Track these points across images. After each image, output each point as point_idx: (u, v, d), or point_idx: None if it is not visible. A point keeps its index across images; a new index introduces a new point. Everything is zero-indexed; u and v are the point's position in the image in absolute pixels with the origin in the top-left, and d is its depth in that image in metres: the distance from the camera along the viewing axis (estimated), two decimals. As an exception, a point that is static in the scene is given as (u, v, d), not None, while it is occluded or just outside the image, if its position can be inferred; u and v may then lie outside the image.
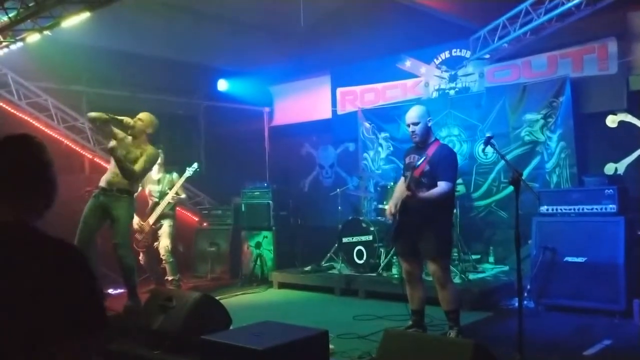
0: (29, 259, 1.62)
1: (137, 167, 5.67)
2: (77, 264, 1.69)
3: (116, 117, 5.64)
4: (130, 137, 5.83)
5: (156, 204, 7.07)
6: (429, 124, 4.87)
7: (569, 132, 7.11)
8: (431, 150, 4.77)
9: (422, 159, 4.76)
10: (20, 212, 1.69)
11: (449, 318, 4.78)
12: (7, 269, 1.59)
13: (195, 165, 7.30)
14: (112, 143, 5.60)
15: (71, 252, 1.71)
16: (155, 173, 7.04)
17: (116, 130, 5.80)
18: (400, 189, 4.90)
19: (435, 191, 4.63)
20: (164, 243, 7.00)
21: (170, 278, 7.00)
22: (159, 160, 6.63)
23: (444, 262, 4.75)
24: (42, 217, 1.77)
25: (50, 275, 1.61)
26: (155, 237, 7.06)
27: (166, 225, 7.09)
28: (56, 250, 1.68)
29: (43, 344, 1.58)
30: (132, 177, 5.68)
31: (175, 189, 7.14)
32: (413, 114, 4.85)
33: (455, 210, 6.41)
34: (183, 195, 7.45)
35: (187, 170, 7.25)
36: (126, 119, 5.70)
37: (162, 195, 7.12)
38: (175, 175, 7.30)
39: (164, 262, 7.03)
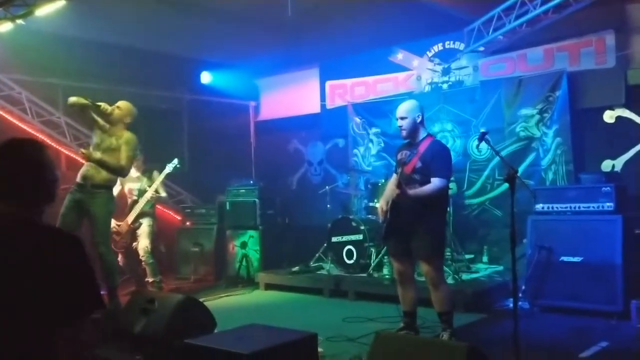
0: (31, 247, 1.83)
1: (123, 159, 5.52)
2: (77, 250, 1.91)
3: (95, 103, 5.47)
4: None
5: (135, 203, 6.86)
6: (419, 119, 4.72)
7: (565, 128, 6.97)
8: (423, 146, 4.65)
9: (413, 155, 4.64)
10: (23, 207, 1.92)
11: (442, 320, 4.67)
12: (10, 256, 1.80)
13: (176, 161, 7.08)
14: (97, 155, 5.44)
15: (69, 239, 1.95)
16: (134, 170, 6.80)
17: (97, 118, 5.58)
18: (391, 186, 4.75)
19: (427, 188, 4.51)
20: (143, 244, 6.80)
21: (151, 280, 6.81)
22: (138, 157, 6.42)
23: (437, 262, 4.64)
24: (44, 211, 2.00)
25: (50, 261, 1.82)
26: (134, 237, 6.85)
27: (145, 224, 6.89)
28: (55, 238, 1.92)
29: (46, 325, 1.79)
30: (121, 172, 5.60)
31: (154, 186, 6.93)
32: (402, 108, 4.75)
33: (448, 209, 6.23)
34: (163, 194, 7.25)
35: (166, 167, 7.01)
36: (104, 105, 5.52)
37: (142, 193, 6.92)
38: (155, 172, 7.12)
39: (143, 263, 6.80)
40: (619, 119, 6.78)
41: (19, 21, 5.95)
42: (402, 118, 4.69)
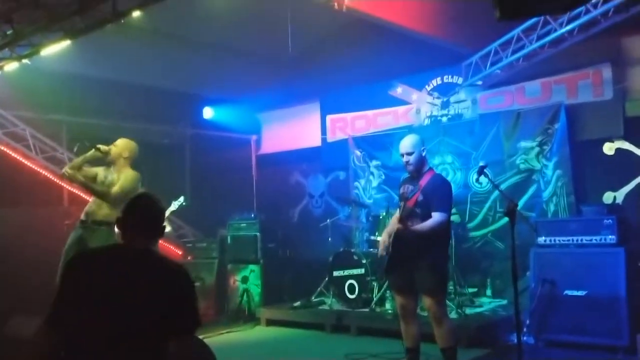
0: (161, 273, 2.38)
1: (114, 188, 5.50)
2: (188, 278, 2.46)
3: (92, 148, 5.44)
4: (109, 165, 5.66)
5: None
6: (424, 153, 4.73)
7: (565, 160, 6.98)
8: (425, 180, 4.64)
9: (416, 189, 4.62)
10: (150, 243, 2.51)
11: (446, 356, 4.58)
12: (146, 278, 2.33)
13: (182, 199, 7.05)
14: (79, 177, 5.47)
15: (183, 269, 2.50)
16: None
17: (94, 169, 5.61)
18: (394, 220, 4.76)
19: (429, 223, 4.48)
20: None
21: None
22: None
23: (440, 296, 4.59)
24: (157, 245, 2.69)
25: (173, 285, 2.36)
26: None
27: None
28: (175, 267, 2.47)
29: (159, 335, 2.25)
30: (105, 196, 5.51)
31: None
32: (407, 142, 4.71)
33: (450, 241, 6.20)
34: (168, 228, 7.20)
35: (172, 204, 6.97)
36: (102, 147, 5.51)
37: None
38: (172, 205, 7.04)
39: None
40: (618, 150, 6.79)
41: (25, 61, 6.03)
42: (408, 154, 4.66)
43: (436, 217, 4.47)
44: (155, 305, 2.27)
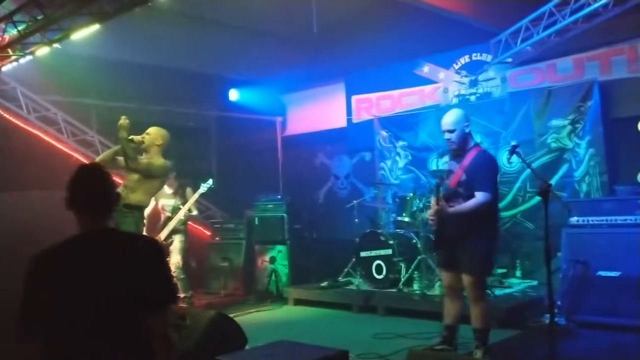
0: (131, 254, 2.23)
1: (144, 160, 5.51)
2: (155, 251, 2.32)
3: (126, 139, 5.40)
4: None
5: (168, 219, 6.92)
6: (467, 130, 4.50)
7: (598, 138, 6.85)
8: (468, 158, 4.43)
9: (458, 167, 4.45)
10: (104, 219, 2.31)
11: (477, 337, 4.52)
12: (114, 258, 2.21)
13: (210, 181, 7.10)
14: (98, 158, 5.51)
15: (156, 245, 2.39)
16: (167, 187, 6.87)
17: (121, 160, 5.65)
18: (436, 198, 4.60)
19: (469, 203, 4.31)
20: (174, 259, 6.86)
21: (182, 295, 6.83)
22: (173, 173, 6.46)
23: (478, 277, 4.44)
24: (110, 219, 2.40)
25: (143, 261, 2.23)
26: (166, 253, 6.88)
27: (177, 240, 6.95)
28: (149, 244, 2.33)
29: (135, 314, 2.17)
30: (135, 164, 5.46)
31: (188, 205, 6.97)
32: (448, 119, 4.51)
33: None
34: (195, 212, 7.28)
35: (201, 187, 7.03)
36: (135, 137, 5.52)
37: (175, 209, 6.98)
38: (188, 190, 7.15)
39: (175, 278, 6.84)
40: (653, 128, 6.64)
41: (55, 45, 6.11)
42: (449, 131, 4.45)
43: (478, 197, 4.28)
44: (124, 284, 2.17)
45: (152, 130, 5.74)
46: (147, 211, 6.11)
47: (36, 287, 2.22)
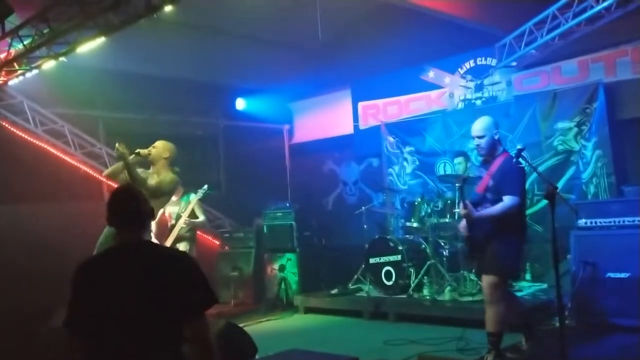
0: (166, 262, 2.51)
1: (154, 182, 5.47)
2: (189, 260, 2.57)
3: (132, 154, 5.38)
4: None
5: (172, 227, 6.88)
6: (496, 137, 4.57)
7: (604, 140, 6.84)
8: (496, 164, 4.51)
9: (485, 173, 4.56)
10: (139, 234, 2.58)
11: (489, 341, 4.54)
12: (151, 267, 2.45)
13: (205, 187, 7.05)
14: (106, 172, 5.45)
15: (182, 254, 2.79)
16: (174, 196, 6.88)
17: (131, 171, 5.64)
18: (463, 203, 4.70)
19: (496, 208, 4.39)
20: None
21: None
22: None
23: (496, 279, 4.44)
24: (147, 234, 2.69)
25: (182, 273, 2.47)
26: None
27: (182, 249, 6.88)
28: (177, 255, 2.71)
29: (179, 320, 2.39)
30: (145, 187, 5.35)
31: (187, 211, 6.92)
32: (478, 126, 4.58)
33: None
34: (201, 218, 7.20)
35: (197, 193, 7.01)
36: (142, 151, 5.54)
37: (178, 217, 6.96)
38: (192, 196, 7.12)
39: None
40: (660, 128, 6.62)
41: (61, 58, 6.14)
42: (479, 137, 4.52)
43: (505, 200, 4.35)
44: (163, 294, 2.37)
45: (159, 143, 5.72)
46: (157, 216, 6.12)
47: (80, 295, 2.44)
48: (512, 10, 6.93)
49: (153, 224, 6.04)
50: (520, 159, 4.25)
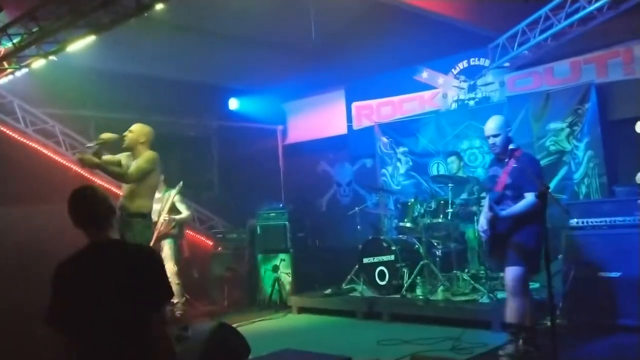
0: (135, 259, 2.65)
1: (131, 168, 5.29)
2: (158, 258, 2.75)
3: (96, 144, 5.18)
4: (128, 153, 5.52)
5: (154, 224, 6.75)
6: (510, 134, 4.64)
7: (596, 140, 6.88)
8: (512, 162, 4.53)
9: (502, 172, 4.56)
10: (108, 232, 2.70)
11: (509, 332, 4.58)
12: (121, 265, 2.60)
13: (181, 183, 6.96)
14: (95, 160, 5.11)
15: (153, 252, 2.91)
16: (157, 192, 6.75)
17: (117, 157, 5.53)
18: (485, 209, 4.75)
19: (520, 206, 4.42)
20: (167, 267, 6.69)
21: (175, 301, 6.72)
22: (161, 177, 6.34)
23: (520, 270, 4.45)
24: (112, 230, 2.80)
25: (145, 267, 2.62)
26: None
27: (166, 247, 6.80)
28: (144, 251, 2.83)
29: (143, 314, 2.53)
30: (123, 178, 5.29)
31: (166, 208, 6.84)
32: (492, 125, 4.60)
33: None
34: (184, 213, 7.11)
35: (175, 189, 6.91)
36: (106, 136, 5.22)
37: (159, 214, 6.87)
38: (173, 191, 7.00)
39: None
40: (651, 129, 6.64)
41: (51, 57, 6.09)
42: (494, 136, 4.55)
43: (528, 197, 4.38)
44: (135, 289, 2.53)
45: (135, 127, 5.47)
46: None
47: (59, 293, 2.58)
48: (505, 11, 6.95)
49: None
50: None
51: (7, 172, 7.06)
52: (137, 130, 5.45)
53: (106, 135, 5.24)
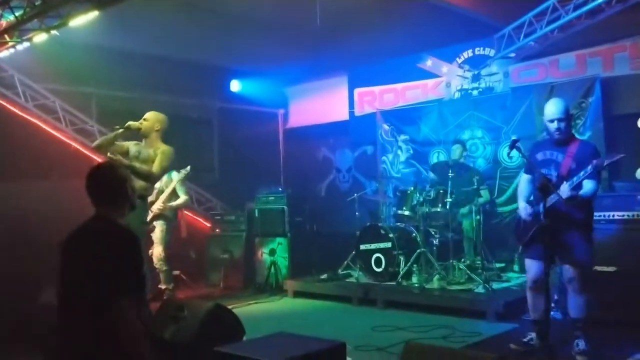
0: (102, 240, 2.55)
1: (155, 167, 5.45)
2: (129, 244, 2.57)
3: (121, 128, 5.38)
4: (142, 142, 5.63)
5: (151, 204, 6.74)
6: (572, 119, 4.51)
7: (598, 135, 6.84)
8: (574, 147, 4.38)
9: (565, 155, 4.38)
10: (110, 211, 2.66)
11: (579, 327, 4.52)
12: (90, 244, 2.55)
13: (188, 168, 6.97)
14: (126, 161, 5.33)
15: (128, 235, 2.62)
16: None
17: (126, 144, 5.56)
18: (525, 186, 4.60)
19: (588, 191, 4.24)
20: (156, 251, 6.70)
21: (163, 287, 6.74)
22: None
23: (589, 267, 4.46)
24: (124, 215, 2.80)
25: (111, 251, 2.50)
26: (150, 241, 6.75)
27: (158, 229, 6.76)
28: (120, 234, 2.61)
29: (103, 301, 2.42)
30: (149, 179, 5.46)
31: (168, 191, 6.82)
32: (556, 108, 4.37)
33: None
34: (182, 198, 7.08)
35: (180, 172, 6.91)
36: (132, 124, 5.47)
37: (161, 192, 6.85)
38: (174, 173, 6.96)
39: (157, 270, 6.74)
40: (654, 125, 6.62)
41: (53, 32, 6.04)
42: (560, 120, 4.35)
43: (592, 185, 4.23)
44: (97, 270, 2.48)
45: (150, 115, 5.63)
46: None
47: (58, 265, 2.63)
48: (512, 2, 6.90)
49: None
50: (514, 150, 4.23)
51: (5, 147, 7.03)
52: (152, 119, 5.60)
53: (133, 124, 5.44)
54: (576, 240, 4.31)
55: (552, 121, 4.39)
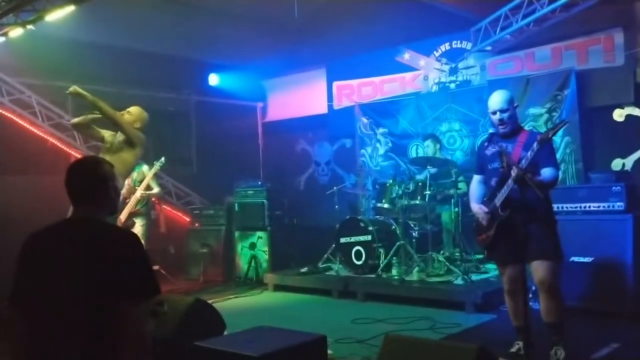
0: (103, 241, 2.31)
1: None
2: (134, 244, 2.35)
3: (98, 103, 5.17)
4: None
5: (125, 199, 6.63)
6: (516, 110, 4.27)
7: (574, 127, 6.92)
8: (523, 136, 4.15)
9: (514, 145, 4.13)
10: (94, 211, 2.41)
11: (555, 332, 4.19)
12: (87, 247, 2.28)
13: (163, 159, 6.86)
14: (75, 120, 5.23)
15: (132, 237, 2.40)
16: None
17: (102, 132, 5.45)
18: (476, 188, 4.36)
19: (549, 176, 3.98)
20: None
21: None
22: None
23: (557, 263, 4.12)
24: (110, 215, 2.57)
25: (116, 253, 2.27)
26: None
27: (138, 225, 6.61)
28: (121, 235, 2.41)
29: (107, 306, 2.21)
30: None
31: (143, 185, 6.73)
32: (498, 98, 4.16)
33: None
34: (156, 189, 6.98)
35: (154, 165, 6.80)
36: (107, 110, 5.21)
37: (131, 190, 6.75)
38: (145, 167, 6.82)
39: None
40: (628, 117, 6.72)
41: (29, 26, 5.95)
42: (502, 111, 4.11)
43: (551, 171, 4.01)
44: (95, 273, 2.24)
45: (134, 110, 5.49)
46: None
47: (22, 268, 2.35)
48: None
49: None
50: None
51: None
52: (136, 114, 5.48)
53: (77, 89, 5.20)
54: (539, 232, 4.03)
55: (494, 113, 4.18)
